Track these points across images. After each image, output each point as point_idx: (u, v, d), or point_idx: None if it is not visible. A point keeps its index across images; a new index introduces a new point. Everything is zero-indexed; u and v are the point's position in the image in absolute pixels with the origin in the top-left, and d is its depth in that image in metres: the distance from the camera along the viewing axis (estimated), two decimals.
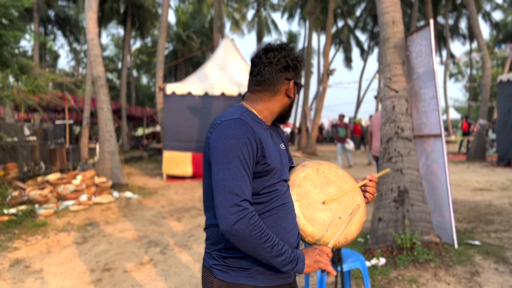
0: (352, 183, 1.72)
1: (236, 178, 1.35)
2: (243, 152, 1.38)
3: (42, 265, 4.50)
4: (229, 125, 1.43)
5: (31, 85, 6.48)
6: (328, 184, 1.67)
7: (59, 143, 11.54)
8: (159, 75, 13.83)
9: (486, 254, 4.34)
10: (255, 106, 1.57)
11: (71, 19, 28.00)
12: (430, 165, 4.92)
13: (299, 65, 1.60)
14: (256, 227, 1.33)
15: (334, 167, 1.74)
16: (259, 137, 1.45)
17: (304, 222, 1.57)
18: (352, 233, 1.64)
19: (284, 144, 1.71)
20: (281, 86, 1.56)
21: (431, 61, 4.53)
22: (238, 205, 1.33)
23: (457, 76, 46.58)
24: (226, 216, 1.32)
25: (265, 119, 1.58)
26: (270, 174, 1.47)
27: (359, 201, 1.69)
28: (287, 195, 1.55)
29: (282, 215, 1.50)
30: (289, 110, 1.64)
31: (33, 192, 7.36)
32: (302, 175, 1.66)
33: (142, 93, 38.75)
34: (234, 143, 1.39)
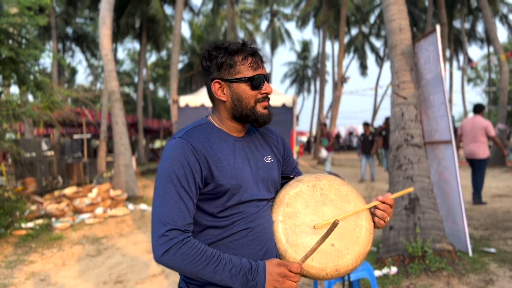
0: (358, 204, 1.45)
1: (166, 205, 1.26)
2: (177, 176, 1.27)
3: (57, 278, 4.57)
4: (169, 147, 1.33)
5: (47, 101, 6.64)
6: (325, 203, 1.43)
7: (76, 157, 11.76)
8: (173, 88, 14.02)
9: (502, 262, 4.24)
10: (214, 118, 1.45)
11: (88, 35, 28.71)
12: (441, 172, 4.85)
13: (224, 58, 1.36)
14: (188, 255, 1.23)
15: (337, 183, 1.48)
16: (206, 155, 1.31)
17: (286, 248, 1.36)
18: (346, 265, 1.37)
19: (276, 155, 1.52)
20: (212, 91, 1.40)
21: (439, 67, 4.49)
22: (165, 235, 1.23)
23: (475, 80, 45.85)
24: (155, 247, 1.25)
25: (229, 130, 1.42)
26: (227, 195, 1.33)
27: (364, 226, 1.42)
28: (258, 218, 1.38)
29: (245, 242, 1.34)
30: (241, 112, 1.38)
31: (50, 206, 7.51)
32: (294, 192, 1.44)
33: (159, 106, 39.26)
34: (169, 166, 1.29)
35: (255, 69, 1.37)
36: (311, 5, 29.96)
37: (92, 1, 22.38)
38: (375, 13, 33.27)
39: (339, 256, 1.36)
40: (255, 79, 1.37)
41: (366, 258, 4.34)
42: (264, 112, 1.40)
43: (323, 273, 1.35)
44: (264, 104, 1.40)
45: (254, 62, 1.37)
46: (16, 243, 5.89)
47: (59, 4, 23.50)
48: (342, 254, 1.36)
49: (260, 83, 1.38)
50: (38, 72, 8.48)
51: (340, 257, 1.36)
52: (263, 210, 1.40)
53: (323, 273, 1.35)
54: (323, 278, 1.36)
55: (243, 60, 1.37)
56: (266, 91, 1.40)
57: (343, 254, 1.37)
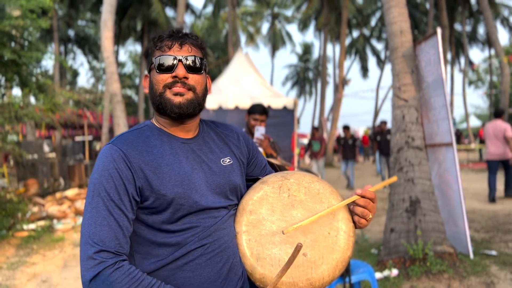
0: (331, 202, 1.24)
1: (94, 223, 1.07)
2: (105, 188, 1.09)
3: (58, 279, 4.59)
4: (99, 156, 1.16)
5: (49, 103, 6.68)
6: (294, 206, 1.24)
7: (78, 159, 11.79)
8: None
9: (503, 265, 4.24)
10: (155, 117, 1.30)
11: (90, 38, 28.83)
12: (442, 174, 4.86)
13: (147, 50, 1.27)
14: (121, 283, 1.03)
15: (307, 181, 1.28)
16: (140, 162, 1.14)
17: (251, 262, 1.20)
18: (321, 277, 1.18)
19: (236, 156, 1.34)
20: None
21: (440, 70, 4.51)
22: (93, 258, 1.04)
23: (476, 83, 45.87)
24: (82, 272, 1.06)
25: (172, 130, 1.25)
26: (173, 205, 1.14)
27: (341, 229, 1.22)
28: (216, 231, 1.19)
29: (203, 261, 1.16)
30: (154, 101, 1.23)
31: (52, 208, 7.53)
32: (258, 196, 1.26)
33: None
34: (96, 178, 1.12)
35: (164, 51, 1.21)
36: (312, 7, 30.02)
37: (94, 3, 22.51)
38: (376, 16, 33.35)
39: (312, 268, 1.18)
40: (158, 60, 1.20)
41: (367, 260, 4.33)
42: (176, 99, 1.19)
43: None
44: (174, 90, 1.19)
45: (165, 45, 1.21)
46: (18, 245, 5.90)
47: (61, 7, 23.61)
48: (316, 264, 1.18)
49: (166, 65, 1.19)
50: (40, 74, 8.52)
51: (314, 268, 1.18)
52: (222, 222, 1.21)
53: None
54: None
55: (155, 45, 1.23)
56: (175, 73, 1.19)
57: (317, 265, 1.18)
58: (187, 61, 1.21)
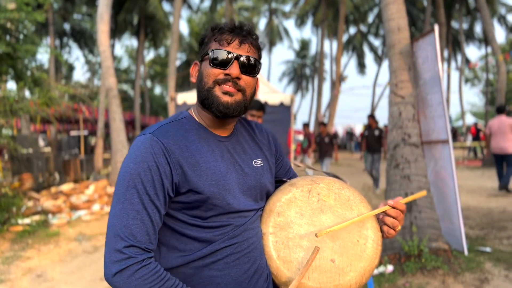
0: (361, 210, 1.23)
1: (126, 216, 1.04)
2: (142, 181, 1.05)
3: (53, 274, 4.57)
4: (136, 144, 1.11)
5: (44, 97, 6.63)
6: (323, 211, 1.23)
7: (73, 154, 11.75)
8: (171, 85, 14.02)
9: (497, 261, 4.27)
10: (194, 108, 1.26)
11: (86, 31, 28.63)
12: (438, 171, 4.87)
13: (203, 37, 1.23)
14: (146, 281, 1.01)
15: (337, 187, 1.27)
16: (180, 157, 1.10)
17: (277, 265, 1.18)
18: (349, 284, 1.17)
19: (266, 157, 1.31)
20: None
21: (437, 67, 4.51)
22: (122, 252, 1.01)
23: (473, 80, 45.99)
24: (107, 264, 1.03)
25: (209, 125, 1.22)
26: (206, 204, 1.12)
27: (370, 237, 1.21)
28: (245, 231, 1.17)
29: (231, 261, 1.14)
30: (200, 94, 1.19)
31: (47, 203, 7.51)
32: (286, 198, 1.25)
33: (156, 103, 39.23)
34: (133, 168, 1.07)
35: (222, 45, 1.15)
36: (309, 3, 29.98)
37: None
38: (374, 12, 33.32)
39: (340, 274, 1.17)
40: (214, 53, 1.14)
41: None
42: (224, 98, 1.14)
43: None
44: (224, 88, 1.14)
45: (224, 39, 1.15)
46: (12, 239, 5.87)
47: (57, 0, 23.42)
48: (343, 271, 1.17)
49: (221, 59, 1.14)
50: (35, 68, 8.46)
51: (342, 275, 1.17)
52: (251, 222, 1.19)
53: None
54: None
55: (214, 35, 1.18)
56: (229, 71, 1.14)
57: (345, 272, 1.17)
58: (244, 60, 1.15)
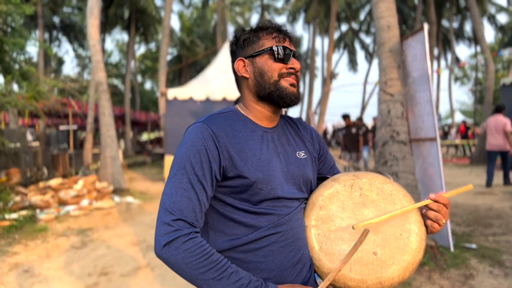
0: (404, 205, 1.24)
1: (175, 193, 1.13)
2: (192, 162, 1.15)
3: (40, 269, 4.54)
4: (188, 132, 1.22)
5: (32, 91, 6.56)
6: (365, 205, 1.25)
7: (62, 149, 11.64)
8: (161, 80, 13.94)
9: (482, 257, 4.33)
10: (241, 105, 1.35)
11: (76, 25, 28.31)
12: (426, 168, 4.92)
13: (249, 35, 1.30)
14: (192, 253, 1.08)
15: (380, 181, 1.29)
16: (227, 143, 1.19)
17: (319, 256, 1.21)
18: (391, 277, 1.17)
19: (310, 151, 1.38)
20: (235, 69, 1.32)
21: (426, 65, 4.55)
22: (170, 224, 1.10)
23: (462, 79, 46.43)
24: (157, 236, 1.11)
25: (256, 118, 1.30)
26: (252, 189, 1.18)
27: (413, 231, 1.21)
28: (290, 220, 1.23)
29: (276, 248, 1.19)
30: (264, 88, 1.27)
31: (35, 197, 7.44)
32: (328, 192, 1.28)
33: (147, 98, 39.00)
34: (184, 152, 1.17)
35: (279, 42, 1.27)
36: (302, 0, 29.95)
37: None
38: (365, 10, 33.45)
39: (382, 267, 1.17)
40: (278, 49, 1.25)
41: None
42: (291, 89, 1.26)
43: (364, 286, 1.18)
44: (290, 80, 1.26)
45: (278, 36, 1.28)
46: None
47: None
48: (386, 264, 1.17)
49: (284, 55, 1.25)
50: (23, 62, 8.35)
51: (384, 268, 1.17)
52: (296, 213, 1.25)
53: (363, 286, 1.18)
54: None
55: (267, 34, 1.28)
56: (292, 65, 1.27)
57: (388, 264, 1.17)
58: (297, 56, 1.30)
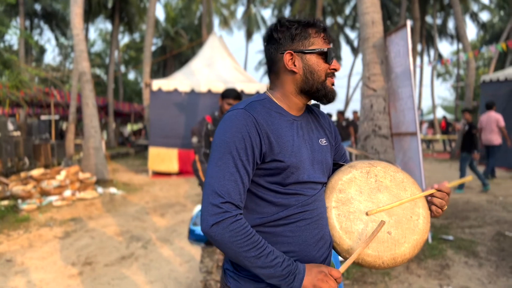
0: (414, 191, 1.41)
1: (222, 176, 1.21)
2: (237, 148, 1.22)
3: (23, 259, 4.53)
4: (230, 117, 1.27)
5: (14, 80, 6.46)
6: (380, 190, 1.39)
7: (44, 139, 11.48)
8: (146, 71, 13.83)
9: (458, 249, 4.49)
10: (274, 94, 1.39)
11: (58, 13, 27.75)
12: (407, 162, 5.05)
13: (298, 30, 1.33)
14: (237, 233, 1.18)
15: (392, 170, 1.45)
16: (267, 130, 1.26)
17: (340, 235, 1.34)
18: (403, 254, 1.34)
19: (329, 139, 1.48)
20: (280, 63, 1.35)
21: (408, 61, 4.65)
22: (219, 206, 1.19)
23: (444, 75, 47.12)
24: (205, 216, 1.20)
25: (288, 108, 1.38)
26: (286, 172, 1.28)
27: (421, 214, 1.38)
28: (315, 201, 1.34)
29: (303, 225, 1.30)
30: (311, 86, 1.34)
31: (16, 188, 7.35)
32: (347, 177, 1.41)
33: (130, 89, 38.56)
34: (229, 137, 1.24)
35: (327, 43, 1.35)
36: None
37: None
38: (351, 4, 33.58)
39: (396, 245, 1.33)
40: (329, 52, 1.33)
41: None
42: (332, 88, 1.37)
43: (380, 261, 1.33)
44: (332, 80, 1.37)
45: (328, 37, 1.35)
46: None
47: None
48: (399, 242, 1.33)
49: (332, 57, 1.34)
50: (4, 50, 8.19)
51: (397, 246, 1.33)
52: (319, 194, 1.37)
53: (379, 262, 1.33)
54: (379, 266, 1.34)
55: (317, 33, 1.33)
56: (335, 66, 1.35)
57: (400, 243, 1.33)
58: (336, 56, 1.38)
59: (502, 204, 6.86)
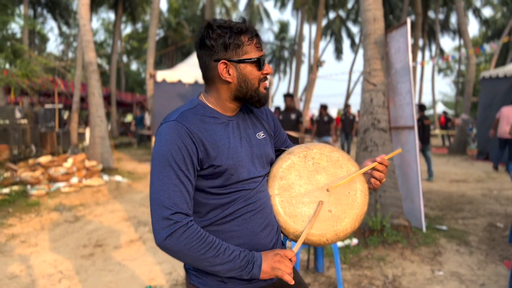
0: (350, 168, 1.47)
1: (167, 189, 1.25)
2: (175, 159, 1.26)
3: (37, 240, 4.76)
4: (164, 130, 1.30)
5: (25, 69, 6.65)
6: (318, 172, 1.46)
7: (50, 127, 11.69)
8: (149, 62, 13.98)
9: (451, 238, 4.71)
10: (208, 98, 1.42)
11: (61, 2, 27.81)
12: (404, 155, 5.26)
13: (232, 38, 1.32)
14: (192, 239, 1.23)
15: (328, 150, 1.50)
16: (201, 137, 1.30)
17: (285, 219, 1.42)
18: (345, 228, 1.41)
19: (268, 131, 1.53)
20: (214, 72, 1.36)
21: (407, 58, 4.84)
22: (169, 218, 1.23)
23: (446, 71, 47.17)
24: (157, 230, 1.24)
25: (223, 110, 1.41)
26: (225, 174, 1.33)
27: (359, 189, 1.44)
28: (257, 192, 1.40)
29: (248, 217, 1.37)
30: (245, 93, 1.38)
31: (25, 174, 7.57)
32: (286, 164, 1.47)
33: (132, 79, 38.68)
34: (166, 150, 1.27)
35: (261, 50, 1.38)
36: None
37: None
38: None
39: (337, 221, 1.40)
40: (261, 60, 1.36)
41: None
42: (264, 92, 1.42)
43: (324, 239, 1.40)
44: (264, 84, 1.41)
45: (258, 43, 1.37)
46: None
47: None
48: (340, 218, 1.40)
49: (262, 63, 1.37)
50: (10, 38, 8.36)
51: (339, 222, 1.40)
52: (261, 185, 1.42)
53: (323, 239, 1.40)
54: (324, 243, 1.42)
55: (249, 40, 1.34)
56: (267, 71, 1.39)
57: (341, 219, 1.40)
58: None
59: (496, 197, 7.08)
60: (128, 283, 3.63)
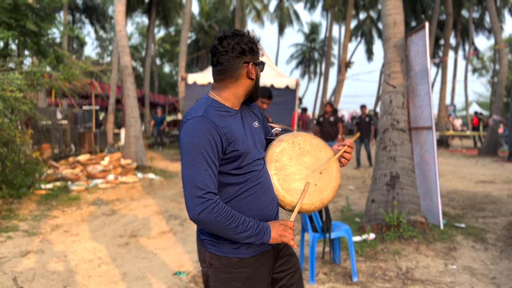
0: (327, 151, 1.86)
1: (199, 173, 1.51)
2: (206, 149, 1.52)
3: (78, 230, 5.22)
4: (193, 124, 1.56)
5: (67, 73, 7.18)
6: (304, 155, 1.80)
7: (88, 127, 12.36)
8: (181, 65, 14.48)
9: (468, 235, 4.85)
10: (221, 94, 1.67)
11: (98, 7, 28.95)
12: (423, 154, 5.42)
13: (255, 46, 1.69)
14: (220, 214, 1.50)
15: (309, 137, 1.86)
16: (223, 129, 1.57)
17: (283, 193, 1.73)
18: (328, 197, 1.80)
19: (259, 121, 1.83)
20: (241, 71, 1.65)
21: (426, 60, 5.01)
22: (202, 197, 1.49)
23: (481, 71, 45.88)
24: (192, 207, 1.50)
25: (233, 105, 1.69)
26: (241, 157, 1.61)
27: (334, 166, 1.84)
28: (263, 173, 1.70)
29: (259, 194, 1.66)
30: (255, 90, 1.73)
31: (66, 171, 8.14)
32: (279, 149, 1.79)
33: (165, 81, 39.62)
34: (197, 141, 1.52)
35: (261, 56, 1.76)
36: None
37: None
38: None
39: (321, 192, 1.77)
40: (263, 64, 1.75)
41: (351, 226, 4.91)
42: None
43: (313, 206, 1.76)
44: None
45: (259, 52, 1.74)
46: (38, 201, 6.53)
47: None
48: (323, 190, 1.78)
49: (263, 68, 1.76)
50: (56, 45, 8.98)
51: (323, 192, 1.78)
52: (265, 167, 1.74)
53: (313, 207, 1.76)
54: (313, 210, 1.78)
55: (260, 49, 1.74)
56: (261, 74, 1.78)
57: (324, 190, 1.78)
58: None
59: None
60: (159, 269, 4.00)
